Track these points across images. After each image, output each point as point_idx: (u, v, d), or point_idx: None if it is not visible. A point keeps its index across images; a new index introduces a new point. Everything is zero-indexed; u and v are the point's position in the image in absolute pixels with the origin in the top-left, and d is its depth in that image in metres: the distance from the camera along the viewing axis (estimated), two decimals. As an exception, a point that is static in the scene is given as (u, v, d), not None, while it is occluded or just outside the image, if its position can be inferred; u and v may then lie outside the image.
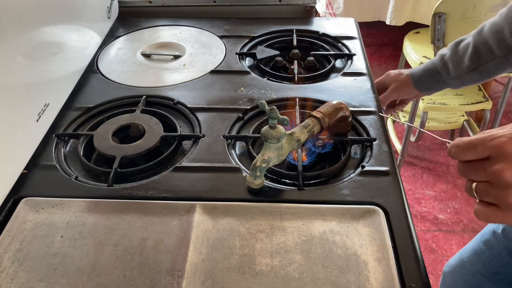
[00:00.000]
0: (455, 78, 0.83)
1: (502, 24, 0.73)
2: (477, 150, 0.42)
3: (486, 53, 0.76)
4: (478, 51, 0.76)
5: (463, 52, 0.79)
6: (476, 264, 0.84)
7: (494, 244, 0.80)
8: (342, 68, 0.96)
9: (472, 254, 0.85)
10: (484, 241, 0.82)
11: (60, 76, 0.84)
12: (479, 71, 0.78)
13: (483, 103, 1.69)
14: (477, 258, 0.84)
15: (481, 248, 0.83)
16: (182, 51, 1.02)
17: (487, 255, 0.81)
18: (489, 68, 0.77)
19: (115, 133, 0.76)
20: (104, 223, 0.61)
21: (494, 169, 0.40)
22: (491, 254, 0.80)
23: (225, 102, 0.84)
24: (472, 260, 0.85)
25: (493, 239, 0.80)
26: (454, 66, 0.80)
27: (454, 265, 0.91)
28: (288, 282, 0.54)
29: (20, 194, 0.66)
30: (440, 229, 1.71)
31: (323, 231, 0.60)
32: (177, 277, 0.54)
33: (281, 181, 0.68)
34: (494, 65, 0.76)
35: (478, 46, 0.76)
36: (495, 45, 0.74)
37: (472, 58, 0.77)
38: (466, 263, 0.87)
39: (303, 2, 1.17)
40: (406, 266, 0.55)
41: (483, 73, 0.78)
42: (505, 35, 0.73)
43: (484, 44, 0.76)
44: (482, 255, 0.82)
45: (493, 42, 0.74)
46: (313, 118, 0.68)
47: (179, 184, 0.67)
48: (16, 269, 0.56)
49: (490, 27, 0.75)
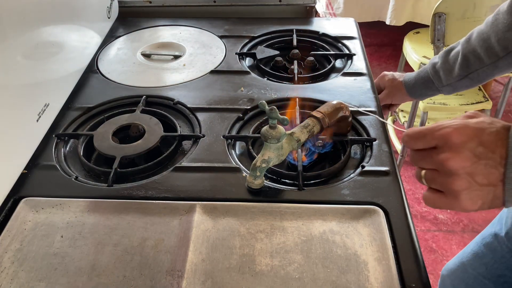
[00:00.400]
0: (447, 86, 0.84)
1: (489, 32, 0.75)
2: (425, 139, 0.44)
3: (475, 61, 0.78)
4: (467, 59, 0.78)
5: (453, 61, 0.80)
6: (478, 267, 0.83)
7: (496, 247, 0.79)
8: (342, 68, 0.96)
9: (473, 257, 0.85)
10: (485, 244, 0.82)
11: (60, 76, 0.84)
12: (470, 78, 0.80)
13: (483, 103, 1.69)
14: (479, 261, 0.83)
15: (482, 251, 0.83)
16: (182, 51, 1.02)
17: (490, 258, 0.81)
18: (479, 75, 0.79)
19: (115, 133, 0.76)
20: (104, 223, 0.61)
21: (440, 157, 0.42)
22: (494, 257, 0.80)
23: (225, 102, 0.84)
24: (474, 263, 0.84)
25: (495, 242, 0.80)
26: (445, 75, 0.82)
27: (453, 269, 0.91)
28: (288, 282, 0.54)
29: (20, 194, 0.66)
30: (440, 229, 1.71)
31: (323, 231, 0.60)
32: (177, 277, 0.54)
33: (281, 181, 0.68)
34: (484, 72, 0.78)
35: (467, 55, 0.78)
36: (483, 53, 0.76)
37: (462, 66, 0.79)
38: (467, 266, 0.86)
39: (303, 2, 1.17)
40: (406, 266, 0.55)
41: (474, 80, 0.80)
42: (492, 43, 0.74)
43: (473, 52, 0.77)
44: (484, 258, 0.82)
45: (481, 50, 0.76)
46: (313, 118, 0.67)
47: (179, 184, 0.67)
48: (16, 269, 0.56)
49: (477, 35, 0.77)
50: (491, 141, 0.42)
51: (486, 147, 0.42)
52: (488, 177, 0.42)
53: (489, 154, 0.42)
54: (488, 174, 0.42)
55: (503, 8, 0.73)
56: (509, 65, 0.75)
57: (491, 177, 0.42)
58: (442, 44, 1.47)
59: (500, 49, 0.74)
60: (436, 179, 0.44)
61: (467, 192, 0.42)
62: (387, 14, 2.09)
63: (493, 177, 0.42)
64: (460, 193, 0.43)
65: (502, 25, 0.72)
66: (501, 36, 0.73)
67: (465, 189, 0.42)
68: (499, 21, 0.73)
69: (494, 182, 0.42)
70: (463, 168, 0.42)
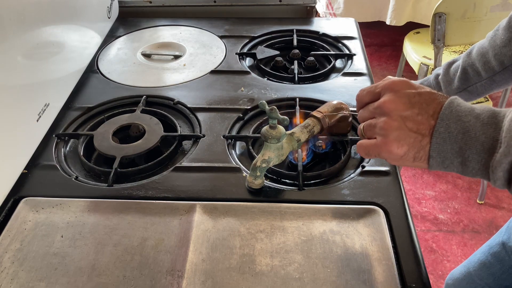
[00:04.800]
0: None
1: (487, 47, 0.76)
2: (372, 89, 0.50)
3: (473, 75, 0.79)
4: (466, 72, 0.80)
5: (454, 73, 0.82)
6: (485, 278, 0.83)
7: (504, 257, 0.79)
8: (342, 68, 0.96)
9: (480, 267, 0.84)
10: (492, 253, 0.82)
11: (60, 76, 0.84)
12: (469, 91, 0.81)
13: (483, 103, 1.69)
14: (487, 272, 0.83)
15: (489, 261, 0.82)
16: (182, 51, 1.02)
17: (498, 268, 0.80)
18: (477, 89, 0.80)
19: (115, 133, 0.76)
20: (104, 223, 0.61)
21: (380, 101, 0.47)
22: (502, 267, 0.80)
23: (225, 102, 0.84)
24: (481, 274, 0.84)
25: (503, 252, 0.79)
26: (445, 86, 0.84)
27: (459, 278, 0.90)
28: (288, 282, 0.54)
29: (20, 194, 0.66)
30: (440, 229, 1.71)
31: (323, 231, 0.60)
32: (177, 277, 0.54)
33: (281, 181, 0.68)
34: (482, 86, 0.79)
35: (466, 68, 0.80)
36: (481, 68, 0.78)
37: (461, 80, 0.81)
38: (473, 276, 0.85)
39: (303, 2, 1.17)
40: (406, 266, 0.55)
41: (473, 93, 0.82)
42: (489, 58, 0.76)
43: (471, 66, 0.79)
44: (492, 268, 0.82)
45: (479, 65, 0.78)
46: (313, 118, 0.68)
47: (179, 184, 0.67)
48: (16, 269, 0.56)
49: (478, 49, 0.79)
50: (428, 97, 0.46)
51: (423, 98, 0.45)
52: (418, 125, 0.45)
53: (423, 105, 0.45)
54: (418, 122, 0.45)
55: (503, 24, 0.74)
56: (507, 79, 0.77)
57: (421, 126, 0.45)
58: (442, 44, 1.47)
59: (496, 64, 0.75)
60: (371, 125, 0.48)
61: (396, 133, 0.45)
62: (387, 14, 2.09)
63: (423, 127, 0.45)
64: (390, 132, 0.46)
65: (499, 41, 0.74)
66: (497, 51, 0.74)
67: (395, 129, 0.45)
68: (498, 36, 0.74)
69: (422, 132, 0.45)
70: (397, 110, 0.46)
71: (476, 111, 0.44)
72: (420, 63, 1.73)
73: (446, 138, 0.44)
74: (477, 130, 0.43)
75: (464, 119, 0.43)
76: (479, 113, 0.43)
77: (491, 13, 1.45)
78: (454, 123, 0.43)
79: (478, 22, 1.45)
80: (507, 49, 0.73)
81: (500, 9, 1.44)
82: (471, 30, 1.46)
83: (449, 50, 1.81)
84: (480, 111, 0.44)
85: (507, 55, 0.73)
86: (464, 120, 0.43)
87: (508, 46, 0.73)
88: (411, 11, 2.06)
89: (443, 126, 0.44)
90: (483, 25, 1.46)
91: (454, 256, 1.60)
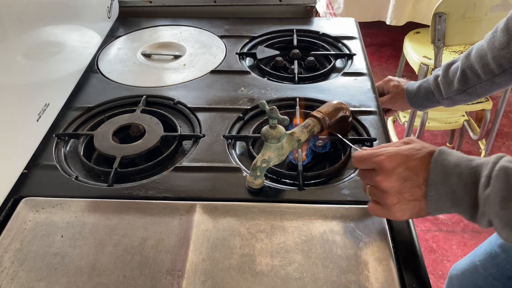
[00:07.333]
0: (447, 99, 0.86)
1: (486, 49, 0.77)
2: (365, 163, 0.55)
3: (472, 77, 0.80)
4: (465, 74, 0.80)
5: (453, 75, 0.83)
6: (490, 268, 0.83)
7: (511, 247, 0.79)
8: (342, 68, 0.96)
9: (486, 257, 0.84)
10: (499, 244, 0.82)
11: (60, 76, 0.84)
12: (468, 93, 0.82)
13: (483, 103, 1.69)
14: (492, 262, 0.82)
15: (496, 251, 0.82)
16: (182, 51, 1.02)
17: (503, 258, 0.80)
18: (477, 91, 0.81)
19: (115, 133, 0.76)
20: (104, 223, 0.61)
21: (376, 179, 0.53)
22: (507, 257, 0.80)
23: (225, 102, 0.84)
24: (486, 264, 0.84)
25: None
26: (445, 88, 0.84)
27: (464, 268, 0.90)
28: (288, 282, 0.54)
29: (20, 194, 0.66)
30: (440, 229, 1.71)
31: (323, 231, 0.59)
32: (177, 277, 0.54)
33: (281, 181, 0.68)
34: (481, 87, 0.80)
35: (465, 70, 0.80)
36: (480, 70, 0.78)
37: (460, 81, 0.81)
38: (478, 267, 0.85)
39: (303, 2, 1.17)
40: (406, 266, 0.55)
41: (472, 94, 0.82)
42: (488, 60, 0.76)
43: (470, 68, 0.79)
44: (497, 258, 0.81)
45: (478, 67, 0.78)
46: (313, 118, 0.67)
47: (179, 184, 0.67)
48: (16, 269, 0.56)
49: (476, 51, 0.79)
50: (416, 165, 0.51)
51: (411, 171, 0.51)
52: (413, 194, 0.52)
53: (413, 176, 0.51)
54: (413, 192, 0.52)
55: (501, 26, 0.74)
56: (507, 81, 0.77)
57: (416, 194, 0.52)
58: (442, 44, 1.47)
59: (495, 66, 0.75)
60: (375, 194, 0.55)
61: (397, 206, 0.53)
62: (387, 14, 2.09)
63: (417, 194, 0.51)
64: (392, 207, 0.53)
65: (498, 43, 0.74)
66: (496, 54, 0.74)
67: (395, 203, 0.52)
68: (496, 38, 0.74)
69: (418, 198, 0.52)
70: (393, 188, 0.52)
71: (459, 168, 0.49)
72: (420, 63, 1.72)
73: (438, 199, 0.50)
74: (461, 191, 0.49)
75: (450, 180, 0.49)
76: (461, 172, 0.49)
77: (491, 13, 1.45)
78: (442, 185, 0.50)
79: (478, 22, 1.45)
80: (506, 52, 0.73)
81: (500, 9, 1.44)
82: (471, 30, 1.46)
83: (449, 50, 1.81)
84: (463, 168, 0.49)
85: (506, 57, 0.73)
86: (450, 182, 0.49)
87: (506, 48, 0.73)
88: (411, 11, 2.05)
89: (433, 191, 0.50)
90: (483, 25, 1.46)
91: (454, 256, 1.60)
